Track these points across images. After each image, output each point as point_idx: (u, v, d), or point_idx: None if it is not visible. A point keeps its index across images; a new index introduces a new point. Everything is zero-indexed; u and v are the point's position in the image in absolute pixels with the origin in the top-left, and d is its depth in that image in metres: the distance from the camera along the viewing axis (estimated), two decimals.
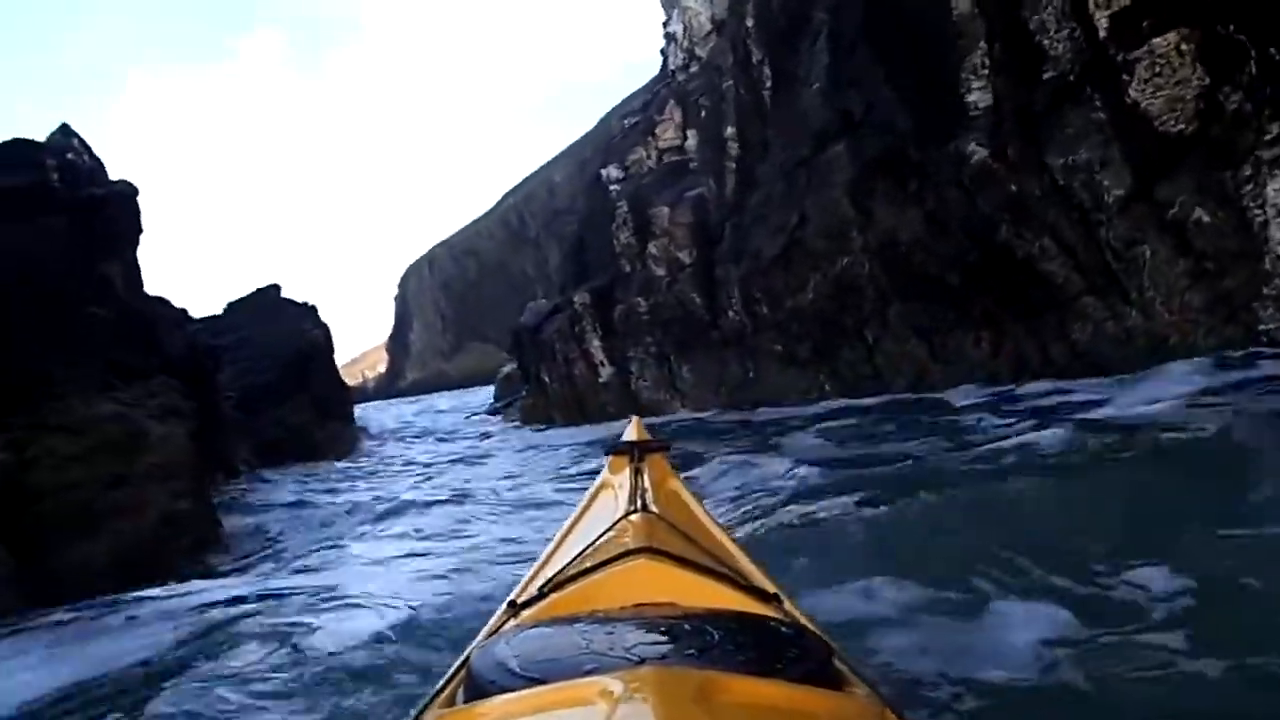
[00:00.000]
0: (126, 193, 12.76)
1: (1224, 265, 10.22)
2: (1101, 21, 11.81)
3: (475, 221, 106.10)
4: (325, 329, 25.22)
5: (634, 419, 3.20)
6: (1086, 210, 11.40)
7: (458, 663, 1.52)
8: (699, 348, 17.19)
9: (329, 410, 21.96)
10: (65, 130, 13.66)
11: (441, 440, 22.35)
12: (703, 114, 19.15)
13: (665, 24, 24.18)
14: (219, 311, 23.80)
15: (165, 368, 11.98)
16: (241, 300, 24.01)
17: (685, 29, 22.27)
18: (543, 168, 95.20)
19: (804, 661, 1.23)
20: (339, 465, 17.43)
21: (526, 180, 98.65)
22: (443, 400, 46.50)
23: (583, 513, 2.47)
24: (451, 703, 1.37)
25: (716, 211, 17.12)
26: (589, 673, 1.12)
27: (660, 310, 17.73)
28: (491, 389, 34.55)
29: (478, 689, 1.21)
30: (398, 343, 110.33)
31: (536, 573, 2.07)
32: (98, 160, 13.71)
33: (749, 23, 16.94)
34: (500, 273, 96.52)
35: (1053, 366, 11.88)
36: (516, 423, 22.74)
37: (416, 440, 23.20)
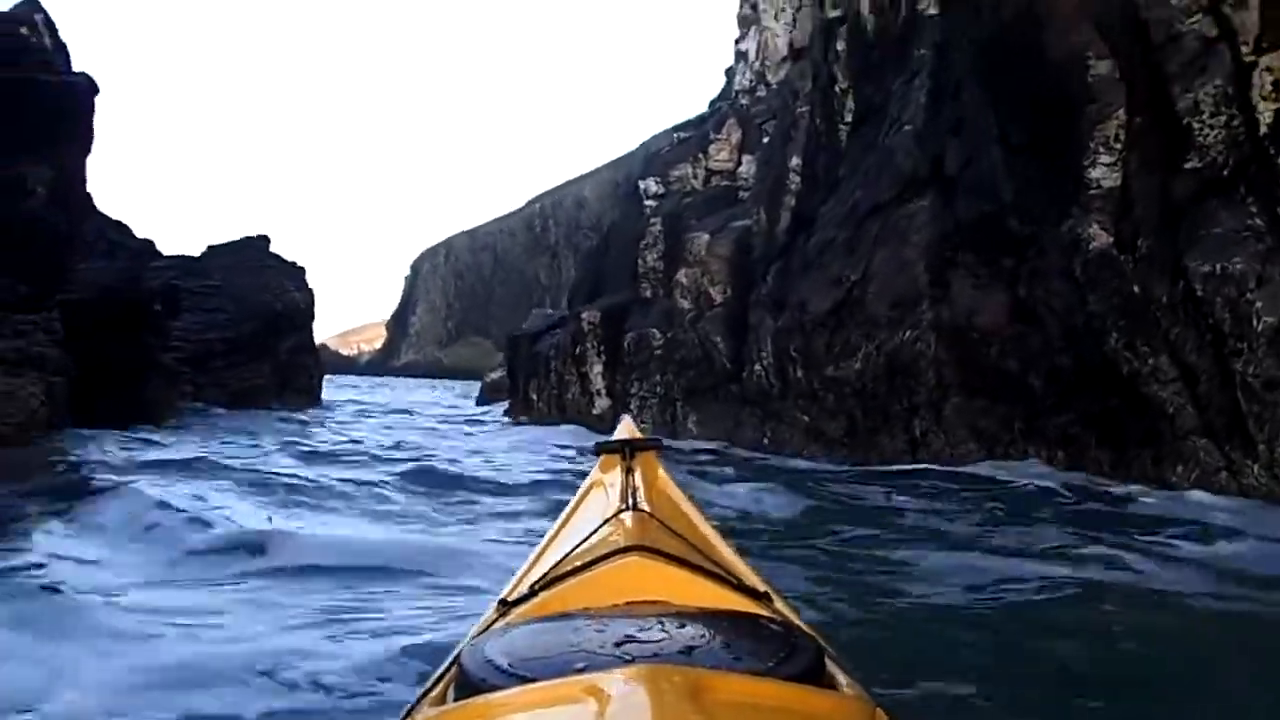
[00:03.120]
0: (79, 86, 10.58)
1: None
2: (1266, 114, 9.80)
3: (499, 218, 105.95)
4: (309, 293, 23.08)
5: (625, 417, 3.03)
6: (1224, 333, 9.24)
7: (448, 661, 1.47)
8: (712, 399, 14.97)
9: (289, 381, 19.71)
10: (30, 2, 11.53)
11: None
12: (765, 140, 17.05)
13: (737, 41, 22.23)
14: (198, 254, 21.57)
15: (76, 302, 9.80)
16: (223, 246, 21.79)
17: (759, 48, 20.27)
18: (575, 179, 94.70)
19: (795, 660, 1.21)
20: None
21: (555, 189, 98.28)
22: (431, 393, 44.08)
23: (574, 511, 2.44)
24: (442, 701, 1.34)
25: (762, 249, 14.95)
26: (580, 671, 1.11)
27: (677, 348, 15.51)
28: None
29: (468, 687, 1.19)
30: (399, 322, 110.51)
31: (527, 571, 2.05)
32: (60, 44, 11.54)
33: (839, 45, 14.85)
34: (515, 273, 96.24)
35: None
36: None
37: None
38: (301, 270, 23.29)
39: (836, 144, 14.80)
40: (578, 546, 1.89)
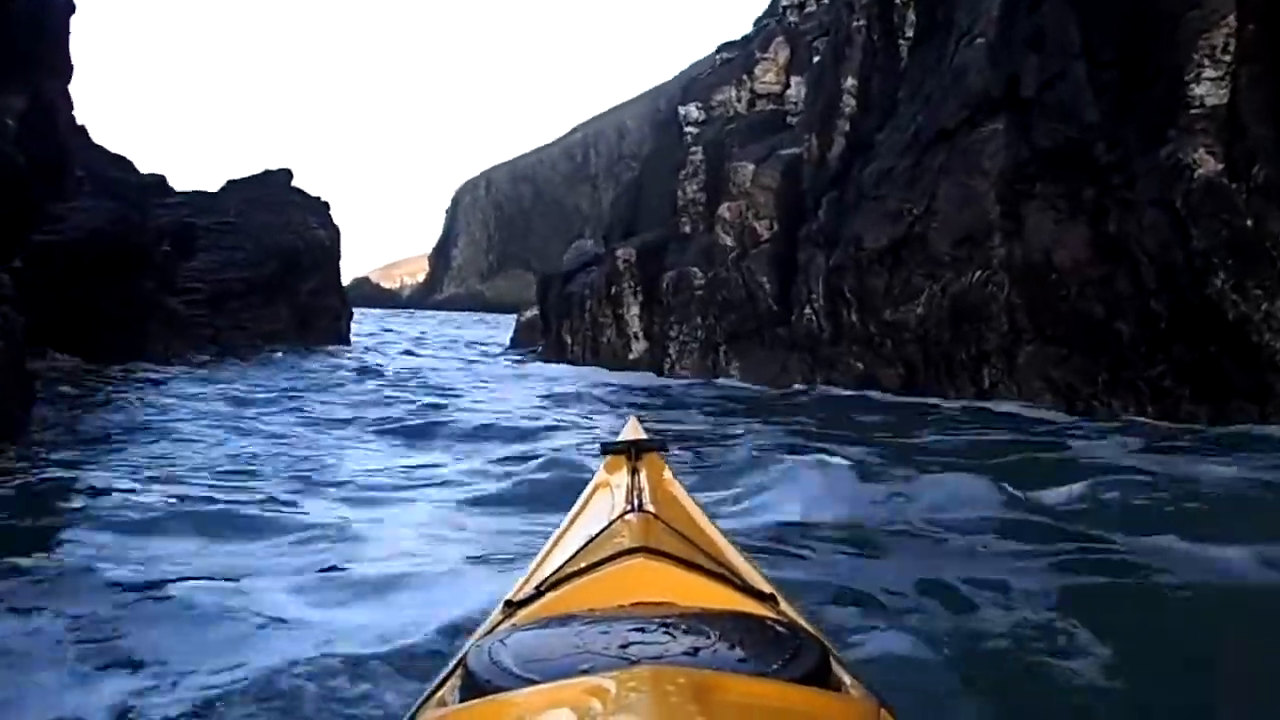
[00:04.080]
0: (51, 3, 9.53)
1: None
2: None
3: (538, 149, 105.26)
4: (334, 230, 22.12)
5: (631, 418, 3.05)
6: None
7: (453, 662, 1.47)
8: (757, 343, 13.87)
9: (311, 321, 18.87)
10: None
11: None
12: (815, 59, 15.63)
13: None
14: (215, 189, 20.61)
15: (58, 244, 8.90)
16: (243, 181, 20.79)
17: None
18: (615, 108, 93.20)
19: (801, 661, 1.19)
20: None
21: (597, 118, 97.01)
22: (465, 328, 43.38)
23: (579, 512, 2.40)
24: (447, 702, 1.33)
25: (813, 179, 13.68)
26: (585, 672, 1.10)
27: (719, 288, 14.38)
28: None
29: (473, 688, 1.18)
30: (440, 256, 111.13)
31: (533, 572, 2.02)
32: None
33: None
34: (554, 205, 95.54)
35: None
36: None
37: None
38: (325, 205, 22.31)
39: (896, 62, 13.41)
40: (583, 548, 1.89)
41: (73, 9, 9.86)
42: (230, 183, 20.73)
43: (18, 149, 8.42)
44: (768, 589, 1.78)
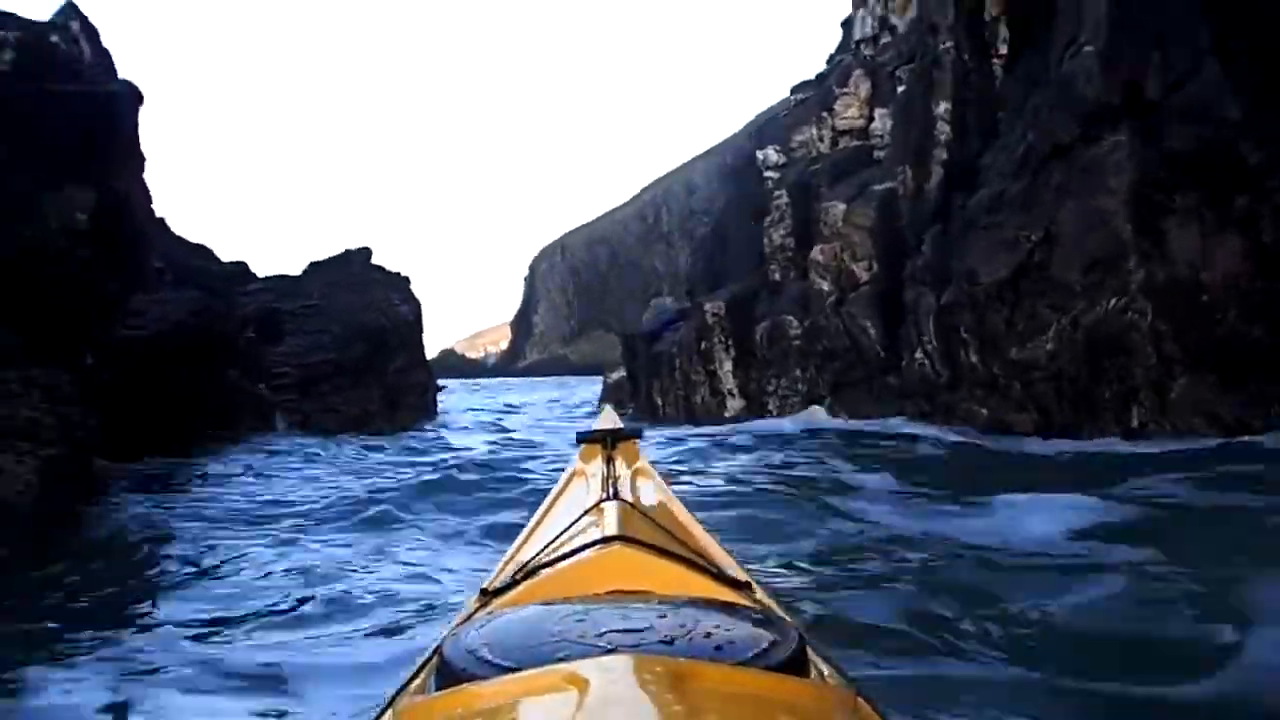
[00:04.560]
0: (118, 95, 9.27)
1: None
2: None
3: (610, 212, 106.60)
4: (416, 304, 21.83)
5: (606, 407, 3.06)
6: None
7: (429, 651, 1.46)
8: (864, 393, 12.89)
9: (400, 400, 18.47)
10: (68, 8, 10.34)
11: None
12: (900, 89, 14.78)
13: None
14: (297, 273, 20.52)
15: (135, 340, 8.49)
16: (323, 262, 20.65)
17: None
18: (683, 165, 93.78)
19: (777, 650, 1.17)
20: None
21: (665, 176, 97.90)
22: (551, 390, 42.96)
23: (555, 501, 2.45)
24: (423, 691, 1.34)
25: (911, 213, 12.76)
26: (561, 660, 1.09)
27: (818, 336, 13.46)
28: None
29: (449, 677, 1.16)
30: (522, 323, 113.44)
31: (508, 560, 2.06)
32: (102, 52, 10.31)
33: None
34: (630, 266, 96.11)
35: None
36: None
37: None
38: (405, 280, 22.06)
39: (991, 82, 12.50)
40: (559, 536, 1.87)
41: (141, 99, 9.60)
42: (312, 264, 20.62)
43: (85, 243, 8.05)
44: (743, 577, 1.78)
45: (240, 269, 17.68)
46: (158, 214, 13.11)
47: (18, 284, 6.52)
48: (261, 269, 20.71)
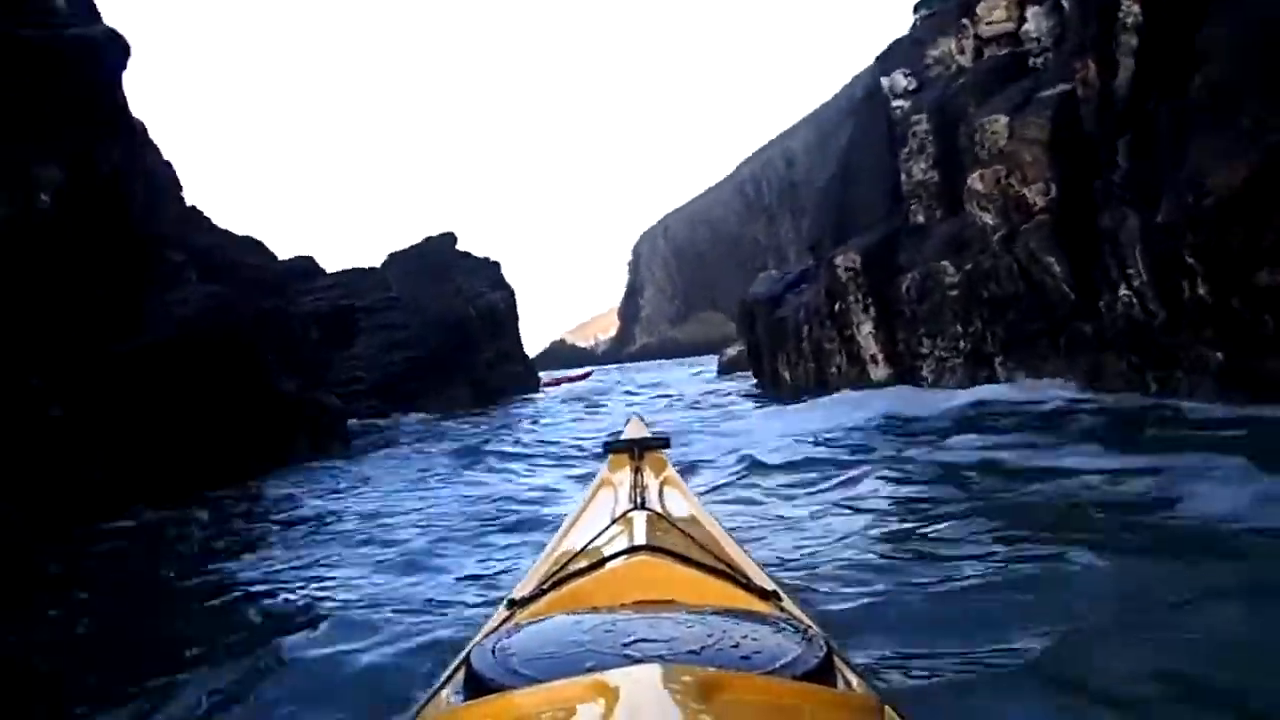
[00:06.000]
0: (96, 44, 7.45)
1: None
2: None
3: (710, 190, 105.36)
4: (508, 291, 20.03)
5: (633, 417, 2.96)
6: None
7: (457, 660, 1.48)
8: (1048, 348, 10.39)
9: (494, 396, 16.64)
10: None
11: None
12: None
13: None
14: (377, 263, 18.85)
15: (152, 347, 6.73)
16: (401, 252, 18.89)
17: None
18: (780, 136, 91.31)
19: (803, 659, 1.18)
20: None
21: (761, 150, 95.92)
22: (666, 369, 41.06)
23: (583, 510, 2.42)
24: (450, 701, 1.32)
25: (1097, 118, 10.15)
26: (589, 670, 1.09)
27: (983, 282, 10.99)
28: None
29: (477, 687, 1.18)
30: (629, 308, 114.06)
31: (536, 570, 2.02)
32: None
33: None
34: (732, 243, 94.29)
35: None
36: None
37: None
38: (496, 265, 20.26)
39: None
40: (587, 546, 1.83)
41: (128, 50, 7.81)
42: (391, 256, 18.95)
43: (48, 232, 6.26)
44: (770, 586, 1.74)
45: (304, 265, 15.93)
46: (191, 203, 11.38)
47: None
48: (343, 263, 19.29)
